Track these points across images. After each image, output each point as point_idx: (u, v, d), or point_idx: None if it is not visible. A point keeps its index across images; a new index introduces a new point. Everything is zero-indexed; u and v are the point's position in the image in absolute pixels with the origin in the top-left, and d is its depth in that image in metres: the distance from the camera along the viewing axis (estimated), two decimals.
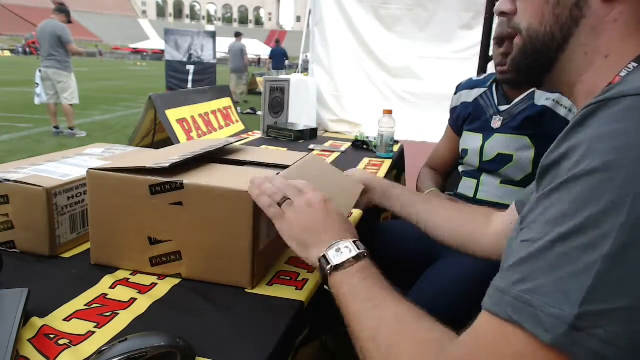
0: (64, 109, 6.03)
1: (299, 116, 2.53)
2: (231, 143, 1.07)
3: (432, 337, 0.48)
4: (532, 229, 0.42)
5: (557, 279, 0.37)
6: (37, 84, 5.80)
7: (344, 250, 0.61)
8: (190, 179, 0.74)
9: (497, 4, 0.63)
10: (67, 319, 0.65)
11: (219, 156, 0.92)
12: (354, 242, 0.62)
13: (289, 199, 0.69)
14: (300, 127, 2.30)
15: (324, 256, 0.61)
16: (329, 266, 0.60)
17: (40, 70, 5.74)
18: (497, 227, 0.85)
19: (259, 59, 43.55)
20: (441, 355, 0.45)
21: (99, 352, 0.54)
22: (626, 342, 0.35)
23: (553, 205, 0.41)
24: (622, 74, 0.49)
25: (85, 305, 0.69)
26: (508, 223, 0.81)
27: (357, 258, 0.60)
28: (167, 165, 0.74)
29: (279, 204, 0.69)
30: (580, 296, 0.36)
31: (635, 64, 0.49)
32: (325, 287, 0.62)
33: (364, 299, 0.55)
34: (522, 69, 0.60)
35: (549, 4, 0.54)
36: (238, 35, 10.05)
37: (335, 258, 0.60)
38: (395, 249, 1.31)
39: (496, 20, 1.52)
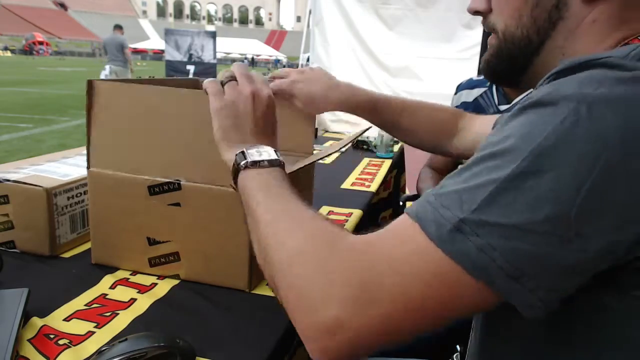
0: None
1: None
2: None
3: (330, 229, 0.48)
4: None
5: (461, 189, 0.41)
6: (108, 75, 8.06)
7: (263, 154, 0.60)
8: (188, 179, 0.74)
9: (471, 1, 0.59)
10: (67, 319, 0.65)
11: None
12: (275, 151, 0.61)
13: (236, 80, 0.65)
14: None
15: (243, 152, 0.59)
16: (245, 161, 0.58)
17: (110, 67, 8.11)
18: (478, 129, 0.87)
19: (253, 59, 43.68)
20: (342, 239, 0.46)
21: (99, 352, 0.54)
22: (499, 253, 0.38)
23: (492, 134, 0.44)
24: None
25: (85, 305, 0.69)
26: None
27: (273, 163, 0.59)
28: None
29: (223, 84, 0.65)
30: (471, 206, 0.39)
31: None
32: (232, 186, 0.61)
33: (271, 192, 0.56)
34: (496, 72, 0.59)
35: (527, 5, 0.52)
36: None
37: (253, 156, 0.59)
38: None
39: None
